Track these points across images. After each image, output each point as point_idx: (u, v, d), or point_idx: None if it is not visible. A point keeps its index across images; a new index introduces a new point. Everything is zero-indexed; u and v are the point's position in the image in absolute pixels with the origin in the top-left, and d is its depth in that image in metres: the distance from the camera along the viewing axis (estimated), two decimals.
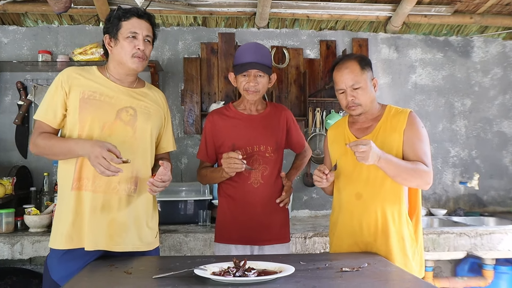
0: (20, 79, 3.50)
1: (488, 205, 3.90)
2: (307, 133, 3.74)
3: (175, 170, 3.62)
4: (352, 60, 2.01)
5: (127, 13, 1.91)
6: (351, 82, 1.97)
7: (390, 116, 2.01)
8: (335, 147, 2.14)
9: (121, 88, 1.96)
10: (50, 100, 1.89)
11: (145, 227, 1.96)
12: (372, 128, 2.03)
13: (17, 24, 3.58)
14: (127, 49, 1.89)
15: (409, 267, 1.91)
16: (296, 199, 3.69)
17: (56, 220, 1.90)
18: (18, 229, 2.91)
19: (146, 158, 1.97)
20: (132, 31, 1.89)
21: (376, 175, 1.96)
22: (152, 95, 2.05)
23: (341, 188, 2.09)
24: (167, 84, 3.68)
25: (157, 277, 1.51)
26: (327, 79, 3.78)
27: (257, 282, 1.43)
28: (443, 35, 3.92)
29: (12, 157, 3.49)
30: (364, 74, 1.98)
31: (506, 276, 3.17)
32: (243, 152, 2.16)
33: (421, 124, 2.00)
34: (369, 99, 2.00)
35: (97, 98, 1.88)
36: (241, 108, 2.27)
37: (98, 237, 1.82)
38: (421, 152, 1.94)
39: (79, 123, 1.85)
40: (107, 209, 1.84)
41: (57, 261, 1.84)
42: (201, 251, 2.79)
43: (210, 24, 3.72)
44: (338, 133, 2.15)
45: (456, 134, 3.87)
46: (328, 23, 3.78)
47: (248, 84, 2.14)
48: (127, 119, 1.91)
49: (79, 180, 1.84)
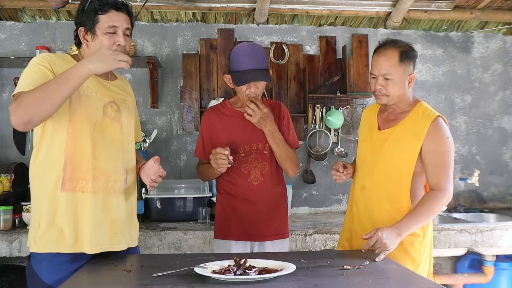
0: (17, 75, 3.44)
1: (488, 202, 3.89)
2: (306, 130, 3.72)
3: (174, 167, 3.61)
4: (394, 49, 1.91)
5: (105, 6, 1.75)
6: (384, 71, 1.90)
7: (416, 117, 1.94)
8: (362, 130, 2.15)
9: (102, 81, 1.85)
10: (35, 75, 1.64)
11: (134, 222, 1.94)
12: (395, 122, 1.98)
13: (15, 19, 3.55)
14: (107, 46, 1.75)
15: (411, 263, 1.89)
16: (296, 196, 3.68)
17: (35, 223, 1.74)
18: (16, 226, 2.89)
19: (132, 152, 1.93)
20: (111, 25, 1.75)
21: (383, 169, 1.94)
22: (124, 86, 1.97)
23: (354, 177, 2.10)
24: (166, 81, 3.66)
25: (157, 275, 1.49)
26: (326, 75, 3.76)
27: (258, 280, 1.42)
28: (443, 31, 3.91)
29: (10, 154, 3.47)
30: (401, 67, 1.90)
31: (507, 272, 3.17)
32: (241, 151, 2.15)
33: (445, 133, 1.90)
34: (398, 92, 1.93)
35: (85, 93, 1.76)
36: (238, 106, 2.23)
37: (101, 238, 1.76)
38: (442, 173, 1.86)
39: (69, 118, 1.72)
40: (107, 209, 1.79)
41: (48, 264, 1.72)
42: (200, 248, 2.78)
43: (209, 20, 3.70)
44: (368, 117, 2.13)
45: (456, 130, 3.86)
46: (328, 19, 3.76)
47: (249, 91, 2.10)
48: (112, 115, 1.83)
49: (72, 181, 1.72)
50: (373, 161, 1.99)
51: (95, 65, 1.57)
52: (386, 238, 1.72)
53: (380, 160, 1.96)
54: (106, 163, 1.78)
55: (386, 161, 1.95)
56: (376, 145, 2.00)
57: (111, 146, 1.77)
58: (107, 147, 1.76)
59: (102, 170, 1.77)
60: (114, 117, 1.83)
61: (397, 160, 1.93)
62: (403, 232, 1.78)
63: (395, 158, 1.93)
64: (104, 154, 1.76)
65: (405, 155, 1.91)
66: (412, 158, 1.89)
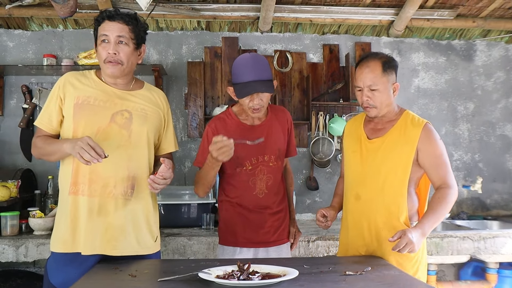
0: (25, 83, 3.52)
1: (491, 209, 3.89)
2: (310, 137, 3.75)
3: (178, 174, 3.63)
4: (376, 60, 1.97)
5: (100, 18, 1.87)
6: (369, 82, 1.95)
7: (405, 125, 1.98)
8: (348, 141, 2.15)
9: (116, 91, 1.93)
10: (47, 106, 1.93)
11: (144, 231, 1.94)
12: (384, 131, 2.02)
13: (23, 28, 3.60)
14: (102, 55, 1.86)
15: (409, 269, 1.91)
16: (299, 202, 3.69)
17: (55, 223, 1.92)
18: (22, 231, 2.92)
19: (143, 160, 1.94)
20: (102, 34, 1.85)
21: (378, 178, 1.97)
22: (150, 96, 2.01)
23: (345, 187, 2.11)
24: (171, 88, 3.70)
25: (161, 280, 1.52)
26: (330, 83, 3.79)
27: (261, 285, 1.44)
28: (445, 39, 3.93)
29: (17, 160, 3.52)
30: (384, 77, 1.95)
31: (510, 280, 3.16)
32: (248, 164, 2.14)
33: (437, 136, 1.97)
34: (385, 102, 1.97)
35: (91, 103, 1.87)
36: (243, 118, 2.20)
37: (95, 241, 1.82)
38: (444, 172, 1.94)
39: (73, 128, 1.86)
40: (103, 213, 1.84)
41: (56, 264, 1.84)
42: (204, 254, 2.79)
43: (214, 28, 3.74)
44: (353, 128, 2.16)
45: (459, 138, 3.87)
46: (331, 27, 3.80)
47: (252, 103, 2.06)
48: (122, 122, 1.89)
49: (75, 185, 1.84)
50: (365, 171, 2.01)
51: (68, 148, 1.76)
52: (415, 237, 1.76)
53: (373, 168, 1.98)
54: (106, 168, 1.83)
55: (381, 169, 1.97)
56: (367, 155, 2.02)
57: (114, 152, 1.81)
58: (109, 152, 1.78)
59: (99, 174, 1.84)
60: (123, 125, 1.89)
61: (392, 167, 1.95)
62: (426, 231, 1.84)
63: (389, 166, 1.96)
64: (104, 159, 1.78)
65: (399, 162, 1.94)
66: (407, 164, 1.94)
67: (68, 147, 1.76)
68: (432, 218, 1.87)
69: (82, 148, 1.68)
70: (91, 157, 1.68)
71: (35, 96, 3.49)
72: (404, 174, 1.94)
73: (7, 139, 3.53)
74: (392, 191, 1.95)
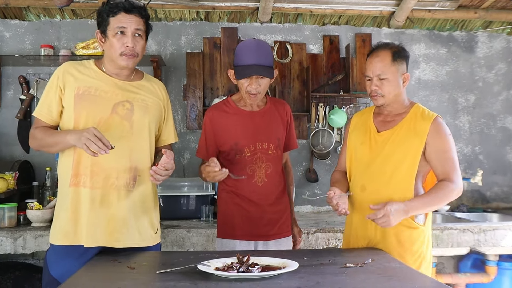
0: (22, 74, 3.49)
1: (491, 201, 3.89)
2: (310, 128, 3.73)
3: (177, 165, 3.57)
4: (386, 50, 1.97)
5: (114, 8, 1.83)
6: (378, 72, 1.95)
7: (415, 118, 1.97)
8: (356, 134, 2.13)
9: (117, 82, 1.92)
10: (45, 97, 1.89)
11: (145, 223, 1.93)
12: (394, 123, 2.01)
13: (19, 18, 3.56)
14: (116, 47, 1.84)
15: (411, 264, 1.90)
16: (298, 195, 3.67)
17: (55, 215, 1.90)
18: (20, 223, 2.91)
19: (144, 152, 1.93)
20: (119, 26, 1.82)
21: (385, 170, 1.95)
22: (150, 87, 2.00)
23: (351, 179, 2.09)
24: (170, 79, 3.67)
25: (160, 272, 1.51)
26: (330, 74, 3.77)
27: (260, 277, 1.43)
28: (447, 30, 3.90)
29: (15, 151, 3.49)
30: (393, 66, 1.95)
31: (509, 272, 3.16)
32: (246, 150, 2.14)
33: (447, 131, 1.95)
34: (393, 92, 1.97)
35: (92, 93, 1.85)
36: (242, 105, 2.21)
37: (97, 233, 1.81)
38: (450, 166, 1.92)
39: (74, 119, 1.84)
40: (106, 205, 1.83)
41: (55, 257, 1.83)
42: (203, 246, 2.79)
43: (213, 18, 3.70)
44: (361, 121, 2.14)
45: (459, 130, 3.86)
46: (331, 18, 3.76)
47: (250, 87, 2.08)
48: (123, 113, 1.87)
49: (77, 177, 1.82)
50: (373, 163, 1.99)
51: (73, 139, 1.74)
52: (393, 214, 1.76)
53: (381, 160, 1.97)
54: (108, 159, 1.80)
55: (388, 162, 1.96)
56: (376, 147, 2.01)
57: (116, 143, 1.79)
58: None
59: (101, 166, 1.82)
60: (125, 115, 1.88)
61: (400, 160, 1.94)
62: (411, 211, 1.83)
63: (398, 158, 1.94)
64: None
65: (408, 155, 1.93)
66: (416, 157, 1.92)
67: (72, 139, 1.73)
68: (424, 203, 1.86)
69: (89, 139, 1.66)
70: (98, 148, 1.66)
71: (33, 87, 3.46)
72: (412, 167, 1.93)
73: (4, 130, 3.50)
74: (398, 184, 1.94)
